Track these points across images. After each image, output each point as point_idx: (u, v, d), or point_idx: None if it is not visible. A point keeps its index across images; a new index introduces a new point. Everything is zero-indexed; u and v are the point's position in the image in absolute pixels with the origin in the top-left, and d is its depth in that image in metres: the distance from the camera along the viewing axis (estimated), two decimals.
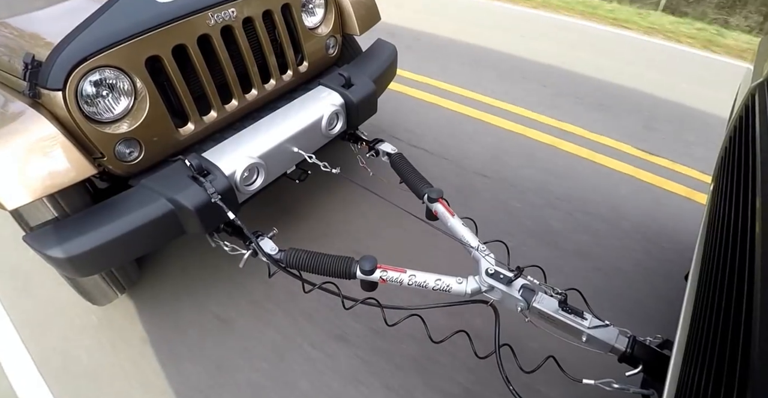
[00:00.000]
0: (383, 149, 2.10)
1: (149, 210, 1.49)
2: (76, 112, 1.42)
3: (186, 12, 1.60)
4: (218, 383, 1.75)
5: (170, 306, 2.03)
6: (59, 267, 1.45)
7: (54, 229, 1.45)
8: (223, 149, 1.74)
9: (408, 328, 1.65)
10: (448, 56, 4.19)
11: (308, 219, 2.45)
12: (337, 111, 1.99)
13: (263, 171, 1.76)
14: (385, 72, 2.31)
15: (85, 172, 1.41)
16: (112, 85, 1.48)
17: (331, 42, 2.20)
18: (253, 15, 1.79)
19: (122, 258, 1.58)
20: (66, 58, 1.38)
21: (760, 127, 1.06)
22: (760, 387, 0.60)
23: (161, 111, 1.60)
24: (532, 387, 1.69)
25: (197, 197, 1.52)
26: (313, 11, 2.10)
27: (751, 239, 0.83)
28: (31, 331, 1.97)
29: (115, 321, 1.99)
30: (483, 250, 1.54)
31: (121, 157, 1.56)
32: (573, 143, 3.06)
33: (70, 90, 1.39)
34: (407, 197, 1.89)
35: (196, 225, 1.55)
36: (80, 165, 1.40)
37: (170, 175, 1.59)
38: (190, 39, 1.62)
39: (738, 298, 0.78)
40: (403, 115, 3.27)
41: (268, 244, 1.61)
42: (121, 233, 1.44)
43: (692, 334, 1.01)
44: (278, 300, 2.04)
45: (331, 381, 1.76)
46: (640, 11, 5.85)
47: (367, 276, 1.50)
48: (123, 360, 1.84)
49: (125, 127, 1.53)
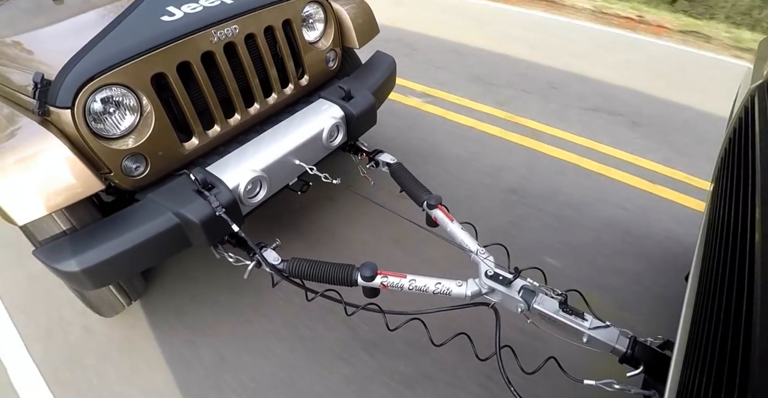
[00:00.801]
0: (383, 159, 2.14)
1: (156, 223, 1.52)
2: (84, 129, 1.45)
3: (190, 30, 1.64)
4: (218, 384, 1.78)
5: (176, 316, 2.06)
6: (69, 280, 1.48)
7: (64, 243, 1.48)
8: (226, 163, 1.77)
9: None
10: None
11: (310, 230, 2.48)
12: (337, 123, 2.03)
13: (266, 184, 1.79)
14: (384, 84, 2.35)
15: (94, 187, 1.45)
16: (119, 102, 1.52)
17: (331, 55, 2.24)
18: (255, 31, 1.83)
19: (131, 270, 1.61)
20: (74, 77, 1.42)
21: (760, 128, 1.08)
22: (761, 387, 0.61)
23: (166, 126, 1.64)
24: (533, 388, 1.71)
25: (202, 210, 1.55)
26: (314, 26, 2.14)
27: (751, 240, 0.84)
28: (37, 340, 2.00)
29: (121, 332, 2.01)
30: (482, 254, 1.56)
31: (128, 171, 1.59)
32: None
33: (78, 108, 1.43)
34: (407, 206, 1.93)
35: (201, 237, 1.58)
36: (88, 180, 1.44)
37: (176, 189, 1.62)
38: (194, 56, 1.67)
39: (738, 299, 0.79)
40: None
41: (272, 255, 1.64)
42: (130, 246, 1.47)
43: (693, 335, 1.01)
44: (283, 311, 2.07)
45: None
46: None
47: (368, 282, 1.53)
48: (128, 369, 1.87)
49: (131, 142, 1.57)
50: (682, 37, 5.03)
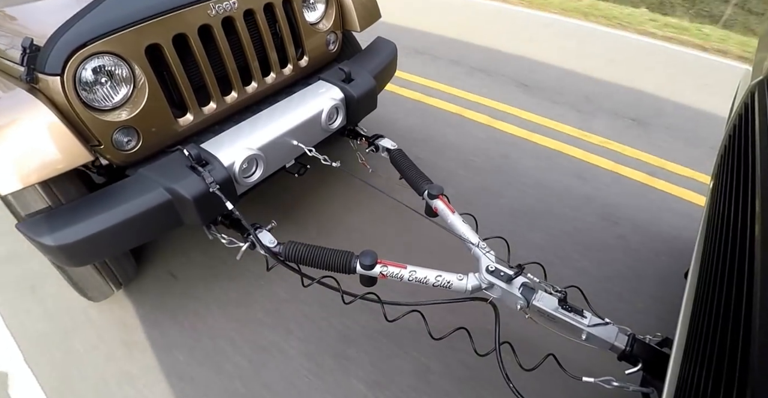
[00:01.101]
0: (383, 145, 2.09)
1: (146, 199, 1.46)
2: (73, 99, 1.40)
3: (187, 1, 1.59)
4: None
5: (170, 302, 2.00)
6: (52, 255, 1.42)
7: (48, 217, 1.42)
8: (222, 140, 1.72)
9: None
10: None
11: (307, 213, 2.43)
12: (337, 105, 1.98)
13: (262, 163, 1.74)
14: (386, 68, 2.31)
15: (81, 158, 1.39)
16: (111, 72, 1.47)
17: (332, 38, 2.20)
18: (254, 7, 1.78)
19: (117, 247, 1.55)
20: (65, 42, 1.36)
21: (760, 125, 1.07)
22: (760, 384, 0.61)
23: (160, 100, 1.59)
24: (532, 385, 1.67)
25: (195, 186, 1.49)
26: (314, 6, 2.10)
27: (751, 237, 0.84)
28: (28, 336, 1.92)
29: (110, 318, 1.95)
30: (483, 247, 1.53)
31: (119, 145, 1.53)
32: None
33: (68, 75, 1.37)
34: (406, 193, 1.87)
35: (193, 215, 1.53)
36: (76, 151, 1.38)
37: (168, 165, 1.57)
38: (191, 28, 1.61)
39: (738, 296, 0.79)
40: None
41: (267, 237, 1.58)
42: (117, 222, 1.42)
43: (692, 332, 1.01)
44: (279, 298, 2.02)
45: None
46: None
47: (367, 271, 1.48)
48: (120, 361, 1.81)
49: (123, 115, 1.51)
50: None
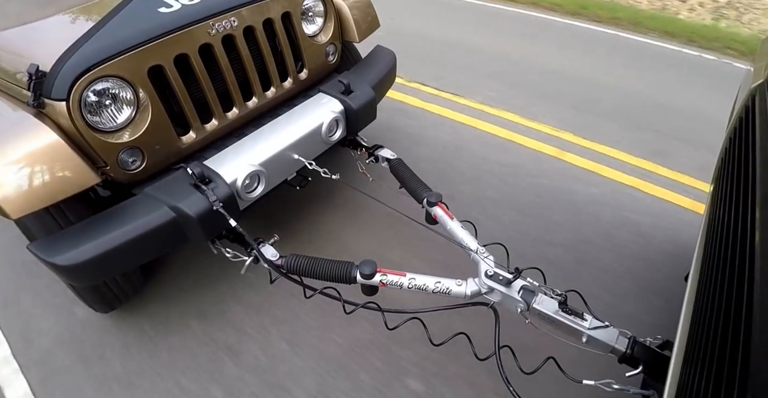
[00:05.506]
0: (383, 155, 2.12)
1: (152, 218, 1.50)
2: (79, 122, 1.43)
3: (188, 22, 1.62)
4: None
5: (174, 314, 2.04)
6: (63, 275, 1.46)
7: (58, 238, 1.46)
8: (224, 157, 1.75)
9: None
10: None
11: (309, 226, 2.46)
12: (336, 118, 2.01)
13: (264, 178, 1.77)
14: (385, 78, 2.33)
15: (89, 180, 1.43)
16: (115, 94, 1.50)
17: (331, 49, 2.22)
18: (254, 24, 1.81)
19: (126, 266, 1.60)
20: (70, 68, 1.40)
21: (760, 129, 1.06)
22: (761, 388, 0.60)
23: (163, 119, 1.62)
24: (532, 389, 1.69)
25: (199, 205, 1.53)
26: (313, 19, 2.12)
27: (751, 240, 0.83)
28: (23, 341, 1.97)
29: (116, 329, 2.00)
30: (482, 253, 1.55)
31: (124, 165, 1.57)
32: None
33: (73, 100, 1.41)
34: (407, 202, 1.90)
35: (198, 232, 1.57)
36: (84, 174, 1.42)
37: (172, 183, 1.60)
38: (192, 48, 1.64)
39: (738, 299, 0.78)
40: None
41: (270, 251, 1.62)
42: (124, 241, 1.45)
43: (692, 335, 1.01)
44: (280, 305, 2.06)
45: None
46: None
47: (367, 280, 1.51)
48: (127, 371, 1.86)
49: (128, 136, 1.55)
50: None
